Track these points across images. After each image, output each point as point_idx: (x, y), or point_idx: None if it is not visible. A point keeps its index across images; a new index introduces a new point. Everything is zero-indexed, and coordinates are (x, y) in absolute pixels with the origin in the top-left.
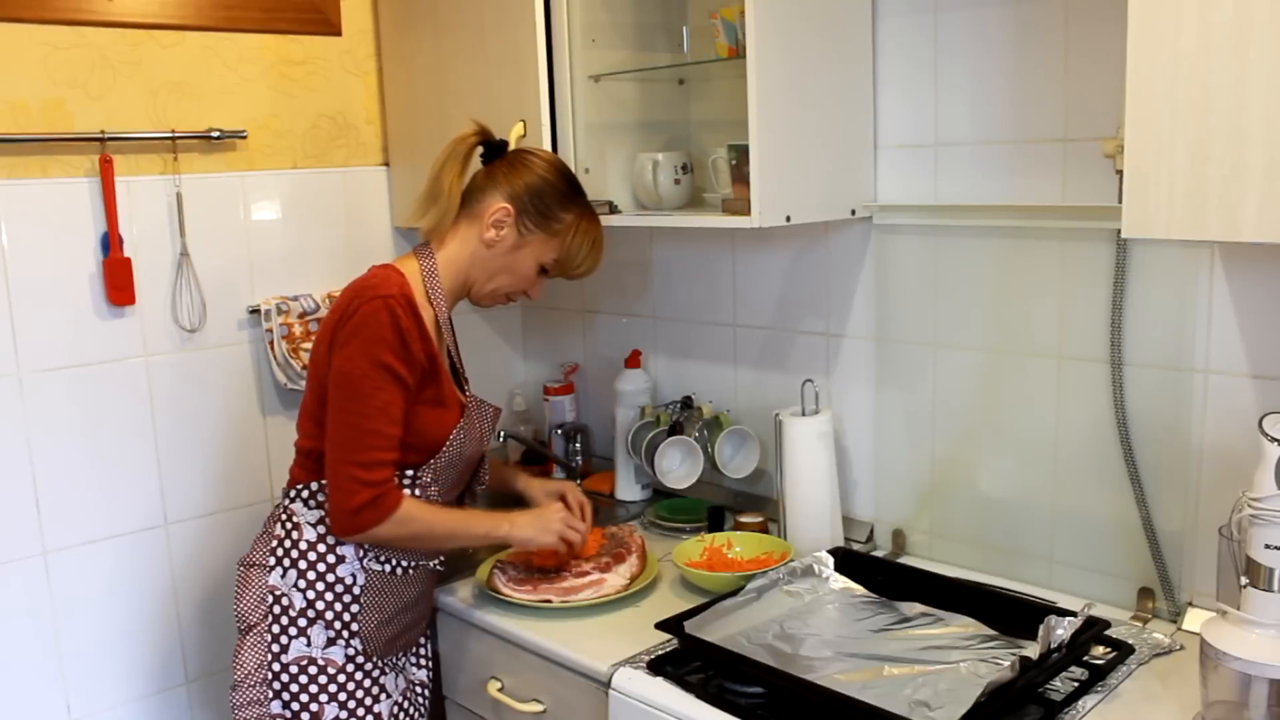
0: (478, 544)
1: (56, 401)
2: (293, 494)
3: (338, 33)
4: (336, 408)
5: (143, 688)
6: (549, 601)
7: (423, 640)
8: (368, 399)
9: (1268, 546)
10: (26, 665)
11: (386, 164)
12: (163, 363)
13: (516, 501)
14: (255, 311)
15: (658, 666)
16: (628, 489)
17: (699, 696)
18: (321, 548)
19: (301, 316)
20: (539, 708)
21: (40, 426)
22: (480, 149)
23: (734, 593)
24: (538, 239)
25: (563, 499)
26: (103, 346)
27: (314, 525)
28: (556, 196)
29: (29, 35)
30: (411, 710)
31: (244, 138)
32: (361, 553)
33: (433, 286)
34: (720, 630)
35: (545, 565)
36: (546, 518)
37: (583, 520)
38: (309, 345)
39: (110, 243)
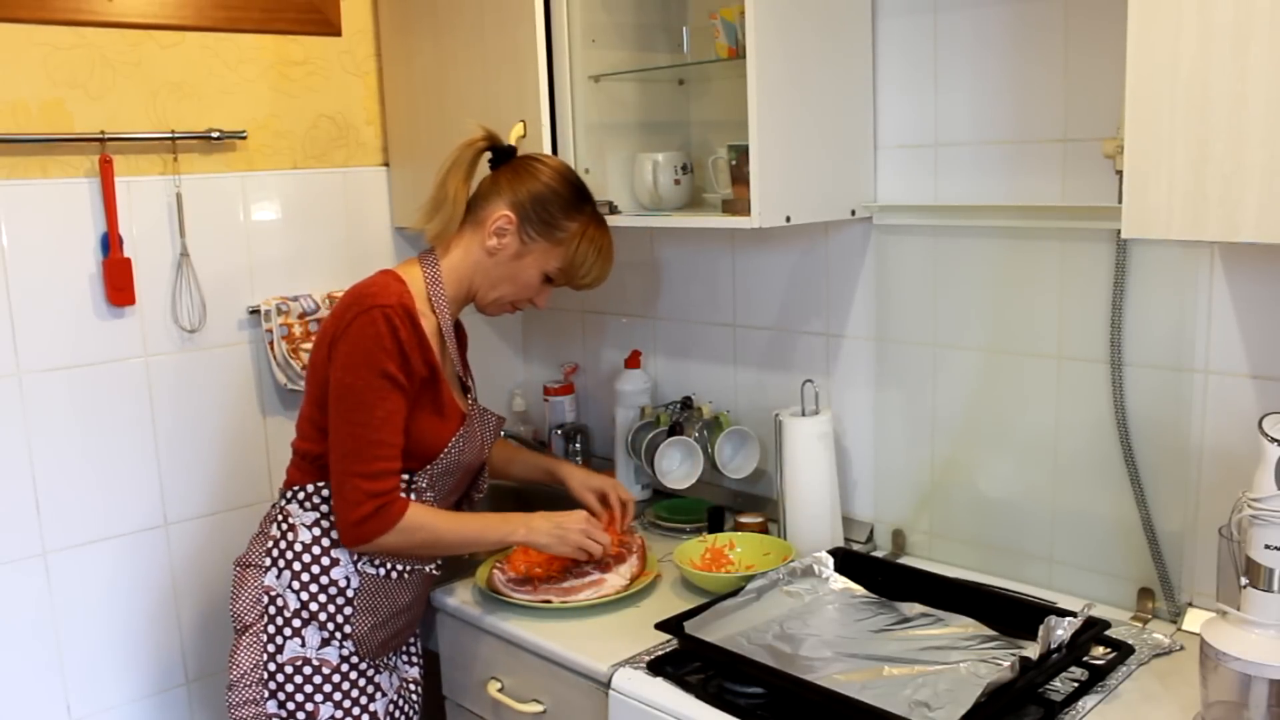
0: (490, 549)
1: (56, 401)
2: (289, 495)
3: (338, 33)
4: (340, 419)
5: (143, 688)
6: (549, 601)
7: (412, 639)
8: (371, 409)
9: (1268, 547)
10: (26, 665)
11: (386, 164)
12: (163, 363)
13: (537, 496)
14: (255, 312)
15: (658, 667)
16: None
17: (699, 697)
18: (316, 550)
19: (301, 317)
20: (539, 708)
21: (40, 426)
22: (488, 154)
23: (734, 593)
24: (541, 247)
25: (603, 499)
26: (103, 346)
27: (309, 527)
28: (560, 204)
29: (29, 35)
30: (405, 708)
31: (244, 138)
32: (356, 555)
33: (435, 294)
34: (720, 631)
35: (549, 572)
36: (566, 527)
37: (624, 519)
38: (309, 345)
39: (110, 243)
